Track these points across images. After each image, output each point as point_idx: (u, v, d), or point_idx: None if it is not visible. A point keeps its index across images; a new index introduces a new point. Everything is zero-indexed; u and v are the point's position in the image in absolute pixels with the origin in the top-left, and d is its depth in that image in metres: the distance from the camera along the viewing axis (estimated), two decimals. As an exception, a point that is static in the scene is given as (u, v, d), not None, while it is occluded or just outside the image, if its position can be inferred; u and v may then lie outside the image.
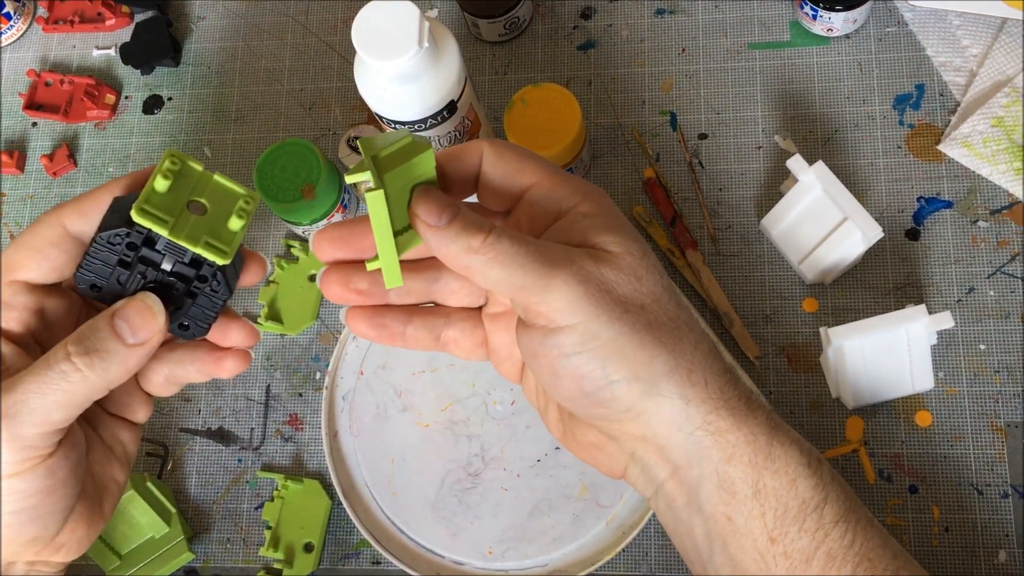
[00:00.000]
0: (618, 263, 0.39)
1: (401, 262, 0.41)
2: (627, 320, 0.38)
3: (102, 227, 0.41)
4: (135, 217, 0.39)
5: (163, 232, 0.40)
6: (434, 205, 0.39)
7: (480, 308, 0.46)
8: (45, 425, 0.39)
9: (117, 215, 0.41)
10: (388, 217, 0.39)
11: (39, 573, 0.44)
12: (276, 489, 0.66)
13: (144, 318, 0.41)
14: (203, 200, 0.42)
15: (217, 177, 0.42)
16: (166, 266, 0.42)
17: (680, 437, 0.40)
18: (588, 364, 0.39)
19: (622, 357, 0.39)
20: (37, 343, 0.43)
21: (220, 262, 0.41)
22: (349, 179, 0.39)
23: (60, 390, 0.39)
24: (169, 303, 0.43)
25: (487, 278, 0.39)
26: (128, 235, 0.41)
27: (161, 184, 0.40)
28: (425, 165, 0.40)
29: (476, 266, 0.39)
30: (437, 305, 0.46)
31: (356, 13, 0.56)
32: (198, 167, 0.42)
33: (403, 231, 0.41)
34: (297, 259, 0.71)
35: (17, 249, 0.42)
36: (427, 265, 0.44)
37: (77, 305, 0.45)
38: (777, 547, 0.40)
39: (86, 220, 0.42)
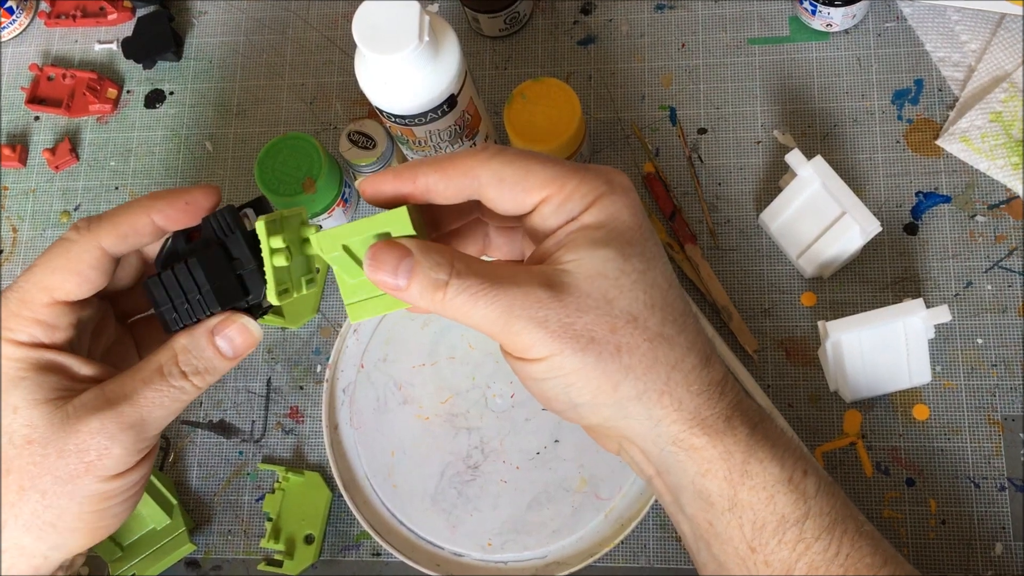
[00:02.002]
0: (586, 289, 0.39)
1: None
2: (591, 350, 0.39)
3: (221, 297, 0.43)
4: (277, 301, 0.42)
5: (290, 299, 0.44)
6: (387, 265, 0.40)
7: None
8: (160, 429, 0.44)
9: (226, 281, 0.43)
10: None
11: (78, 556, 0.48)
12: (277, 481, 0.66)
13: (244, 337, 0.44)
14: (289, 246, 0.44)
15: (285, 212, 0.44)
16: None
17: (655, 449, 0.41)
18: (554, 390, 0.40)
19: (585, 385, 0.40)
20: (71, 348, 0.45)
21: (315, 289, 0.45)
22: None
23: (179, 401, 0.44)
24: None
25: (462, 323, 0.40)
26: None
27: (281, 261, 0.42)
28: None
29: (445, 315, 0.40)
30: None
31: (357, 8, 0.56)
32: (278, 215, 0.43)
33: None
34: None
35: (54, 272, 0.43)
36: (472, 231, 0.46)
37: (95, 305, 0.47)
38: (758, 556, 0.41)
39: (124, 242, 0.44)
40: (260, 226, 0.42)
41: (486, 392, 0.66)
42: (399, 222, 0.41)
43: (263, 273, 0.43)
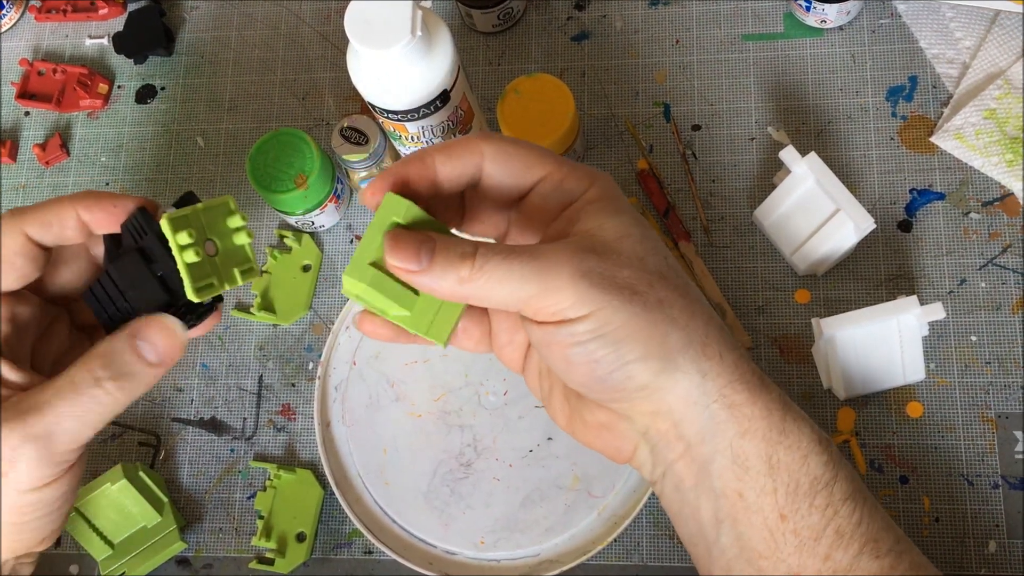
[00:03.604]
0: (617, 248, 0.40)
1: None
2: (637, 301, 0.39)
3: (142, 303, 0.42)
4: (196, 297, 0.41)
5: (215, 293, 0.42)
6: (408, 250, 0.38)
7: None
8: (77, 443, 0.42)
9: (145, 284, 0.42)
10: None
11: (22, 563, 0.46)
12: (269, 479, 0.66)
13: (167, 340, 0.42)
14: (212, 238, 0.43)
15: (200, 205, 0.43)
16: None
17: (695, 412, 0.40)
18: (602, 349, 0.39)
19: (635, 338, 0.39)
20: (8, 349, 0.44)
21: (255, 278, 0.44)
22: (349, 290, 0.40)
23: (94, 412, 0.41)
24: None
25: (489, 299, 0.39)
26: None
27: (192, 257, 0.41)
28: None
29: (474, 293, 0.38)
30: None
31: (349, 2, 0.55)
32: (189, 211, 0.42)
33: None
34: (290, 249, 0.71)
35: None
36: None
37: (37, 305, 0.46)
38: (787, 524, 0.40)
39: (48, 231, 0.43)
40: (164, 224, 0.40)
41: (479, 389, 0.66)
42: (395, 204, 0.39)
43: None
